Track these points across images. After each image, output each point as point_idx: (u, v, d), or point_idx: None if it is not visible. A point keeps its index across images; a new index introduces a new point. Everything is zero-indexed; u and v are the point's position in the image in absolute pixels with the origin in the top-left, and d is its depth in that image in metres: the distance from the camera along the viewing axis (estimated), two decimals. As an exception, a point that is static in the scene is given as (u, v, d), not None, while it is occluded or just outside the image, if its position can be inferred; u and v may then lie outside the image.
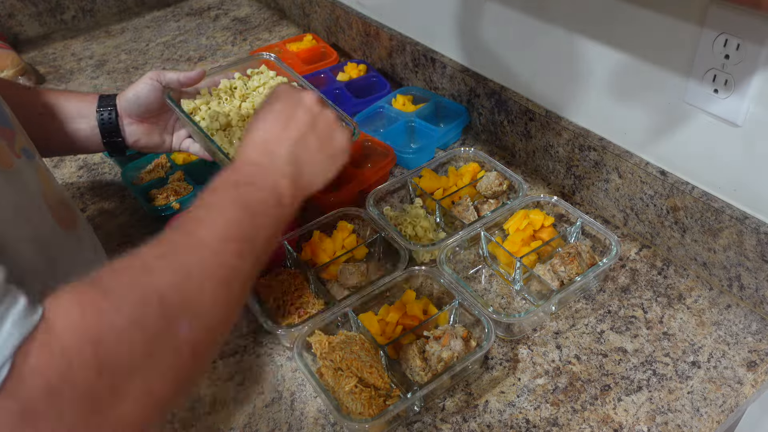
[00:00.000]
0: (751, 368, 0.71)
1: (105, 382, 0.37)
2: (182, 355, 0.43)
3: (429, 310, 0.78)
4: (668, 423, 0.67)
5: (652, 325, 0.77)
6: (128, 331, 0.39)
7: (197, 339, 0.44)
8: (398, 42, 1.20)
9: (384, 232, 0.86)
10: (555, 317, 0.79)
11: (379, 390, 0.69)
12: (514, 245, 0.83)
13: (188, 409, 0.73)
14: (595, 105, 0.87)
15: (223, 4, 1.69)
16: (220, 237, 0.49)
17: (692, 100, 0.74)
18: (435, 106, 1.12)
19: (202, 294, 0.45)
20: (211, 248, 0.48)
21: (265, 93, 0.83)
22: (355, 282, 0.80)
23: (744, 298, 0.78)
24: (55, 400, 0.35)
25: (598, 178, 0.90)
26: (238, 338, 0.80)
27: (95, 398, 0.37)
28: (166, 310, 0.42)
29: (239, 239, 0.50)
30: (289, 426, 0.70)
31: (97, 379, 0.37)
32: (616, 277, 0.83)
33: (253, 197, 0.55)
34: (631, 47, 0.78)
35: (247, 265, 0.50)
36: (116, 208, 1.04)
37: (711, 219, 0.76)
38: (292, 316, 0.78)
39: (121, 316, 0.39)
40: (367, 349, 0.70)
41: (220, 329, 0.48)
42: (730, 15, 0.65)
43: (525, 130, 0.99)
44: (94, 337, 0.37)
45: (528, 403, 0.70)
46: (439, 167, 1.00)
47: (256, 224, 0.53)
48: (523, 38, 0.94)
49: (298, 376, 0.75)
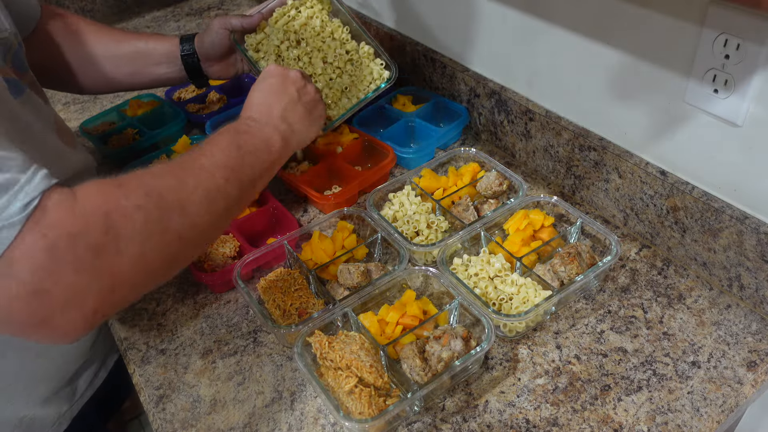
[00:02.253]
0: (751, 368, 0.71)
1: (110, 240, 0.51)
2: (170, 239, 0.57)
3: (429, 310, 0.78)
4: (668, 423, 0.67)
5: (652, 325, 0.77)
6: (131, 211, 0.53)
7: (183, 231, 0.58)
8: (398, 42, 1.20)
9: (384, 232, 0.87)
10: (555, 317, 0.79)
11: (379, 390, 0.69)
12: (514, 245, 0.83)
13: (188, 409, 0.73)
14: (595, 105, 0.87)
15: (223, 4, 1.69)
16: (214, 163, 0.64)
17: (692, 100, 0.74)
18: (435, 106, 1.12)
19: (191, 198, 0.59)
20: (206, 170, 0.63)
21: None
22: (355, 282, 0.80)
23: (744, 298, 0.78)
24: (73, 243, 0.49)
25: (598, 178, 0.90)
26: (238, 338, 0.80)
27: (101, 250, 0.51)
28: (162, 203, 0.56)
29: (228, 168, 0.65)
30: (289, 426, 0.70)
31: (104, 237, 0.51)
32: (616, 277, 0.83)
33: (246, 141, 0.70)
34: (631, 47, 0.78)
35: (231, 188, 0.64)
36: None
37: (711, 219, 0.76)
38: (292, 316, 0.78)
39: (128, 201, 0.54)
40: (367, 349, 0.70)
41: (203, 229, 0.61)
42: (730, 15, 0.65)
43: (525, 130, 0.99)
44: (105, 210, 0.52)
45: (528, 403, 0.70)
46: (439, 167, 1.00)
47: (244, 161, 0.67)
48: (524, 38, 0.94)
49: (298, 376, 0.75)
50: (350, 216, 0.91)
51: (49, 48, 0.92)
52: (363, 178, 0.97)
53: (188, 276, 0.89)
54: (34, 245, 0.48)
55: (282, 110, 0.77)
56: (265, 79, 0.81)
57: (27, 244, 0.47)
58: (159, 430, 0.71)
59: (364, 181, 0.97)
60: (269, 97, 0.78)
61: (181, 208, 0.58)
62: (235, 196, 0.65)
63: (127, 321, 0.84)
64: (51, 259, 0.48)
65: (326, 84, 0.97)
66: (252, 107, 0.77)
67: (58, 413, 0.89)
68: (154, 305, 0.86)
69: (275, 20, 0.97)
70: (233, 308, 0.85)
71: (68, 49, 0.94)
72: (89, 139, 1.14)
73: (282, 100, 0.78)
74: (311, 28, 0.97)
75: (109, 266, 0.52)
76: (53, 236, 0.48)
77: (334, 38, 0.98)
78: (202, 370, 0.77)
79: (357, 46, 0.99)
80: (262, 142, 0.72)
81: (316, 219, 0.97)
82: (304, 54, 0.96)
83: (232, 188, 0.64)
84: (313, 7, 0.98)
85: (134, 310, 0.86)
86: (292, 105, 0.79)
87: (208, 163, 0.64)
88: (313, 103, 0.83)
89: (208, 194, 0.61)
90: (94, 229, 0.51)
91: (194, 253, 0.64)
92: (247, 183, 0.67)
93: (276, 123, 0.76)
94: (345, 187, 0.96)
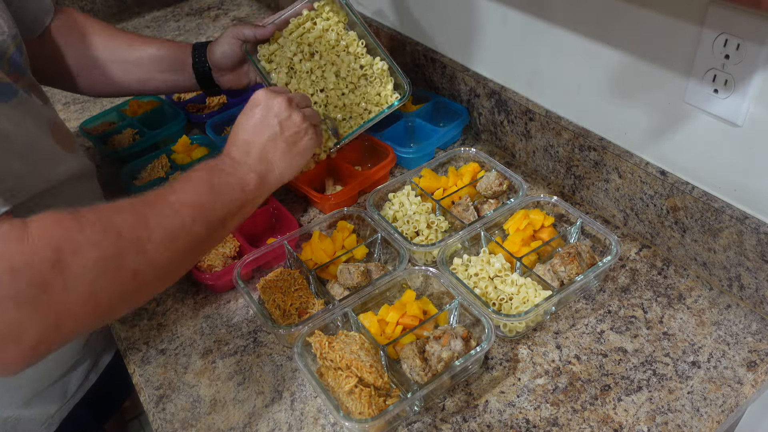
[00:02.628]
0: (751, 368, 0.71)
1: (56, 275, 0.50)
2: (125, 277, 0.55)
3: (429, 310, 0.78)
4: (668, 423, 0.67)
5: (652, 325, 0.77)
6: (85, 246, 0.52)
7: (139, 268, 0.56)
8: (398, 42, 1.20)
9: (384, 232, 0.87)
10: (555, 317, 0.79)
11: (379, 390, 0.69)
12: (514, 245, 0.83)
13: (188, 409, 0.73)
14: (595, 105, 0.87)
15: (223, 4, 1.69)
16: (182, 201, 0.62)
17: (692, 100, 0.74)
18: (435, 106, 1.12)
19: (152, 236, 0.57)
20: (172, 207, 0.61)
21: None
22: (355, 282, 0.80)
23: (744, 298, 0.78)
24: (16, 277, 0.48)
25: (598, 178, 0.90)
26: (238, 338, 0.80)
27: (47, 285, 0.49)
28: (119, 240, 0.55)
29: (197, 206, 0.63)
30: (289, 426, 0.70)
31: (51, 271, 0.50)
32: (616, 277, 0.83)
33: (220, 180, 0.68)
34: (631, 47, 0.78)
35: (197, 227, 0.62)
36: (116, 208, 1.04)
37: (711, 219, 0.76)
38: (292, 316, 0.78)
39: (83, 236, 0.52)
40: (367, 349, 0.70)
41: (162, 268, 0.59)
42: (730, 15, 0.65)
43: (525, 130, 0.99)
44: (56, 244, 0.50)
45: (528, 403, 0.70)
46: (439, 167, 1.00)
47: (215, 200, 0.66)
48: (524, 38, 0.94)
49: (298, 376, 0.75)
50: (350, 216, 0.91)
51: (59, 49, 0.92)
52: (363, 178, 0.97)
53: (188, 276, 0.89)
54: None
55: (261, 148, 0.74)
56: (250, 109, 0.77)
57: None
58: (159, 430, 0.71)
59: (364, 181, 0.97)
60: (250, 133, 0.75)
61: (139, 245, 0.56)
62: (202, 235, 0.63)
63: (127, 321, 0.84)
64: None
65: (338, 98, 0.95)
66: (234, 143, 0.75)
67: (46, 414, 0.88)
68: (154, 305, 0.86)
69: (290, 31, 0.95)
70: (233, 308, 0.85)
71: (79, 51, 0.94)
72: (89, 139, 1.14)
73: (262, 136, 0.75)
74: (326, 41, 0.95)
75: (54, 302, 0.50)
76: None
77: (348, 52, 0.96)
78: (202, 370, 0.77)
79: (372, 60, 0.97)
80: (236, 182, 0.70)
81: (316, 219, 0.97)
82: (317, 67, 0.94)
83: (198, 227, 0.62)
84: (329, 19, 0.96)
85: (134, 310, 0.86)
86: (272, 141, 0.75)
87: (176, 200, 0.62)
88: (296, 136, 0.78)
89: (170, 232, 0.59)
90: (41, 264, 0.49)
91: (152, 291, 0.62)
92: (216, 222, 0.65)
93: (252, 163, 0.73)
94: (345, 187, 0.96)
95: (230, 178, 0.69)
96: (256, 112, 0.77)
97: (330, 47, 0.95)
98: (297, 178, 0.97)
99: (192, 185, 0.65)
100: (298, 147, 0.78)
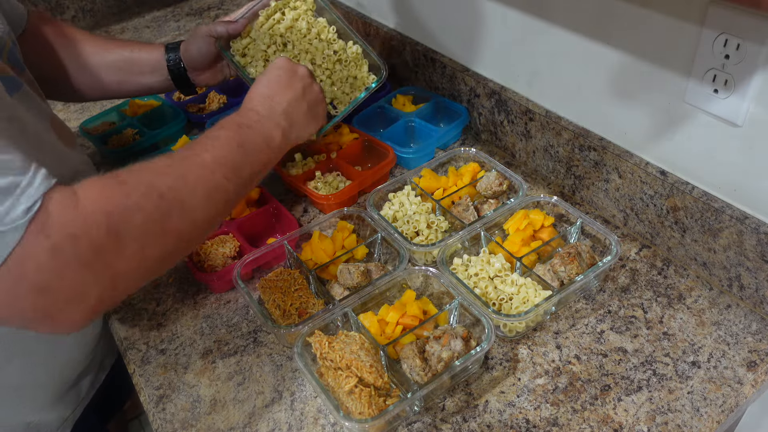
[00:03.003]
0: (751, 368, 0.71)
1: (111, 240, 0.53)
2: (169, 237, 0.58)
3: (429, 310, 0.78)
4: (668, 423, 0.67)
5: (652, 325, 0.77)
6: (131, 211, 0.55)
7: (182, 229, 0.59)
8: (398, 42, 1.20)
9: (384, 232, 0.87)
10: (555, 317, 0.79)
11: (379, 390, 0.69)
12: (514, 245, 0.83)
13: (188, 409, 0.73)
14: (595, 105, 0.87)
15: (223, 4, 1.69)
16: (216, 161, 0.64)
17: (692, 100, 0.74)
18: (435, 106, 1.12)
19: (192, 197, 0.60)
20: (207, 167, 0.63)
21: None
22: (355, 282, 0.80)
23: (744, 298, 0.78)
24: (75, 243, 0.50)
25: (598, 178, 0.90)
26: (238, 338, 0.80)
27: (102, 248, 0.52)
28: (162, 203, 0.57)
29: (229, 166, 0.65)
30: (289, 426, 0.70)
31: (106, 237, 0.52)
32: (616, 277, 0.83)
33: (248, 138, 0.70)
34: (631, 47, 0.78)
35: (230, 186, 0.65)
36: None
37: (711, 219, 0.76)
38: (292, 316, 0.78)
39: (129, 201, 0.55)
40: (367, 349, 0.70)
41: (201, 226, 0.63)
42: (730, 15, 0.65)
43: (525, 130, 0.99)
44: (106, 209, 0.53)
45: (528, 403, 0.70)
46: (439, 167, 1.00)
47: (245, 159, 0.68)
48: (523, 38, 0.94)
49: (298, 376, 0.75)
50: (350, 216, 0.91)
51: (35, 54, 0.90)
52: (363, 178, 0.97)
53: (188, 276, 0.89)
54: (39, 246, 0.49)
55: (286, 105, 0.78)
56: (272, 70, 0.81)
57: (31, 246, 0.49)
58: (159, 430, 0.71)
59: (364, 181, 0.97)
60: (275, 89, 0.78)
61: (180, 207, 0.59)
62: (234, 192, 0.67)
63: (127, 321, 0.84)
64: (55, 259, 0.49)
65: None
66: (256, 98, 0.77)
67: (62, 417, 0.89)
68: (154, 305, 0.86)
69: (260, 24, 0.96)
70: (233, 308, 0.85)
71: (56, 55, 0.93)
72: (89, 139, 1.14)
73: (287, 95, 0.78)
74: (297, 30, 0.96)
75: (109, 264, 0.53)
76: (56, 237, 0.50)
77: (321, 39, 0.97)
78: (202, 370, 0.77)
79: (345, 45, 0.99)
80: (262, 139, 0.72)
81: (316, 219, 0.97)
82: (292, 57, 0.96)
83: (231, 185, 0.65)
84: (297, 8, 0.97)
85: (134, 310, 0.86)
86: (296, 101, 0.79)
87: (209, 159, 0.64)
88: (316, 101, 0.83)
89: (207, 193, 0.62)
90: (95, 229, 0.52)
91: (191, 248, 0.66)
92: (246, 179, 0.69)
93: (278, 119, 0.76)
94: (345, 187, 0.96)
95: (257, 135, 0.72)
96: (281, 73, 0.80)
97: (302, 36, 0.96)
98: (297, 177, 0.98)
99: (222, 144, 0.67)
100: (315, 112, 0.83)
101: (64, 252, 0.50)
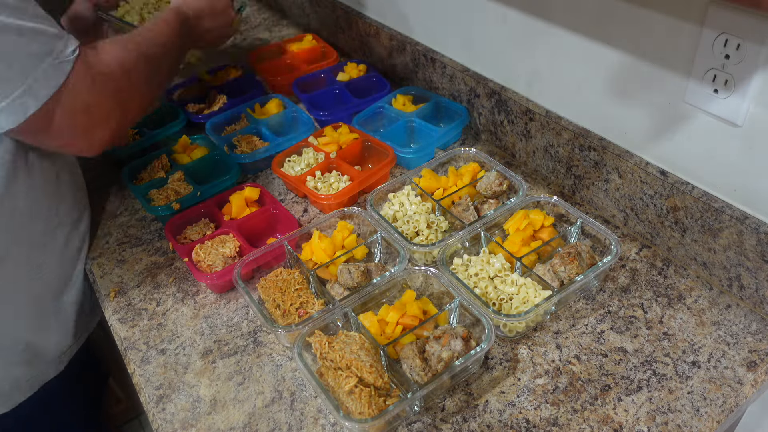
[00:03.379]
0: (751, 368, 0.71)
1: (126, 79, 0.79)
2: (160, 80, 0.91)
3: (429, 310, 0.78)
4: (668, 423, 0.67)
5: (652, 325, 0.77)
6: (139, 60, 0.82)
7: (161, 78, 0.91)
8: (398, 42, 1.20)
9: (384, 232, 0.87)
10: (555, 317, 0.79)
11: (379, 390, 0.69)
12: (514, 245, 0.83)
13: (188, 409, 0.73)
14: (595, 105, 0.87)
15: (223, 4, 1.69)
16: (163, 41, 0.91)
17: (692, 100, 0.74)
18: (435, 106, 1.12)
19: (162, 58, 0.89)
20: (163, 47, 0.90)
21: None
22: (355, 282, 0.80)
23: (744, 298, 0.78)
24: (105, 78, 0.75)
25: (598, 178, 0.90)
26: (238, 338, 0.80)
27: (122, 85, 0.78)
28: (153, 60, 0.86)
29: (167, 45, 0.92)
30: (289, 426, 0.70)
31: (123, 77, 0.78)
32: (616, 277, 0.83)
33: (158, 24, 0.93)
34: (631, 47, 0.78)
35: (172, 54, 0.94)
36: (116, 208, 1.04)
37: (711, 219, 0.76)
38: (292, 316, 0.78)
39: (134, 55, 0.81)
40: (367, 349, 0.70)
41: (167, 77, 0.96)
42: (730, 15, 0.65)
43: (525, 130, 0.99)
44: (121, 60, 0.79)
45: (528, 403, 0.70)
46: (439, 167, 1.00)
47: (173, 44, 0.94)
48: (524, 38, 0.94)
49: (298, 376, 0.75)
50: (350, 216, 0.91)
51: None
52: (363, 178, 0.97)
53: (188, 276, 0.90)
54: (85, 75, 0.72)
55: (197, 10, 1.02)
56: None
57: (80, 74, 0.71)
58: (159, 430, 0.71)
59: (364, 181, 0.97)
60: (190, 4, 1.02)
61: (159, 62, 0.88)
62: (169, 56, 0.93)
63: (127, 321, 0.84)
64: (94, 86, 0.73)
65: None
66: None
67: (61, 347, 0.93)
68: (154, 305, 0.86)
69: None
70: (233, 308, 0.85)
71: None
72: None
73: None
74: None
75: (126, 97, 0.78)
76: (94, 71, 0.73)
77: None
78: (202, 370, 0.77)
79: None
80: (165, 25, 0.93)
81: (316, 219, 0.97)
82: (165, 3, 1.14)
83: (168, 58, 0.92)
84: None
85: (134, 310, 0.86)
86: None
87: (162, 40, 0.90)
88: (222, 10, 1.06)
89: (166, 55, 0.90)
90: (119, 72, 0.77)
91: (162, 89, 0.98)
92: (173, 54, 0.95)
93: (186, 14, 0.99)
94: (345, 187, 0.96)
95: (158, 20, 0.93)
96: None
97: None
98: (297, 177, 0.98)
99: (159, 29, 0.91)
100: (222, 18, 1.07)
101: (99, 83, 0.73)
